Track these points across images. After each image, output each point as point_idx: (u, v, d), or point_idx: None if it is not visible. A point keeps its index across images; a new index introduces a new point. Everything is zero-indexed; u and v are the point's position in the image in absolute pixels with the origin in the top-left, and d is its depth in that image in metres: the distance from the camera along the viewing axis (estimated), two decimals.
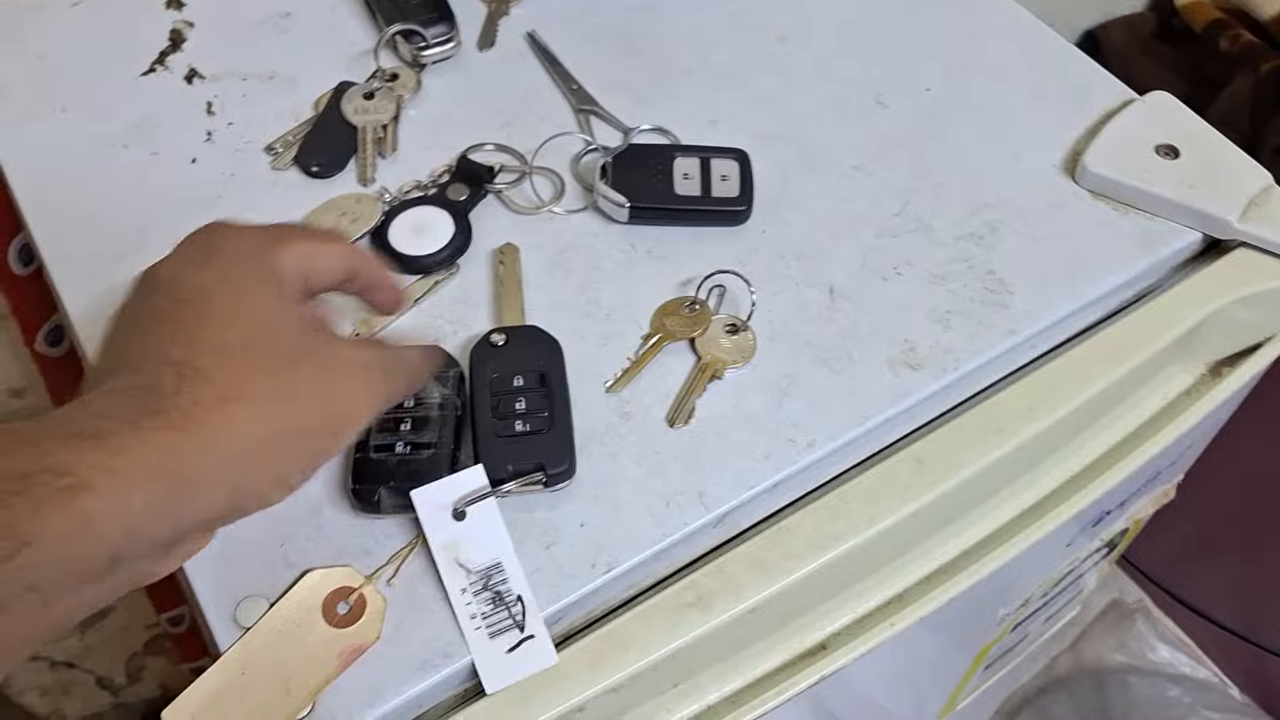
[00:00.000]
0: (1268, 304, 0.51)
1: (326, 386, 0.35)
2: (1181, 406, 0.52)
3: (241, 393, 0.32)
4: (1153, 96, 0.56)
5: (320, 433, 0.35)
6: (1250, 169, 0.53)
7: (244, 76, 0.57)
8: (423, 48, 0.57)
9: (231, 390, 0.32)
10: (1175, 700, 1.36)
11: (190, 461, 0.30)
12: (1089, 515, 0.54)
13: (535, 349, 0.46)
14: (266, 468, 0.33)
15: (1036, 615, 0.69)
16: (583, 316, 0.49)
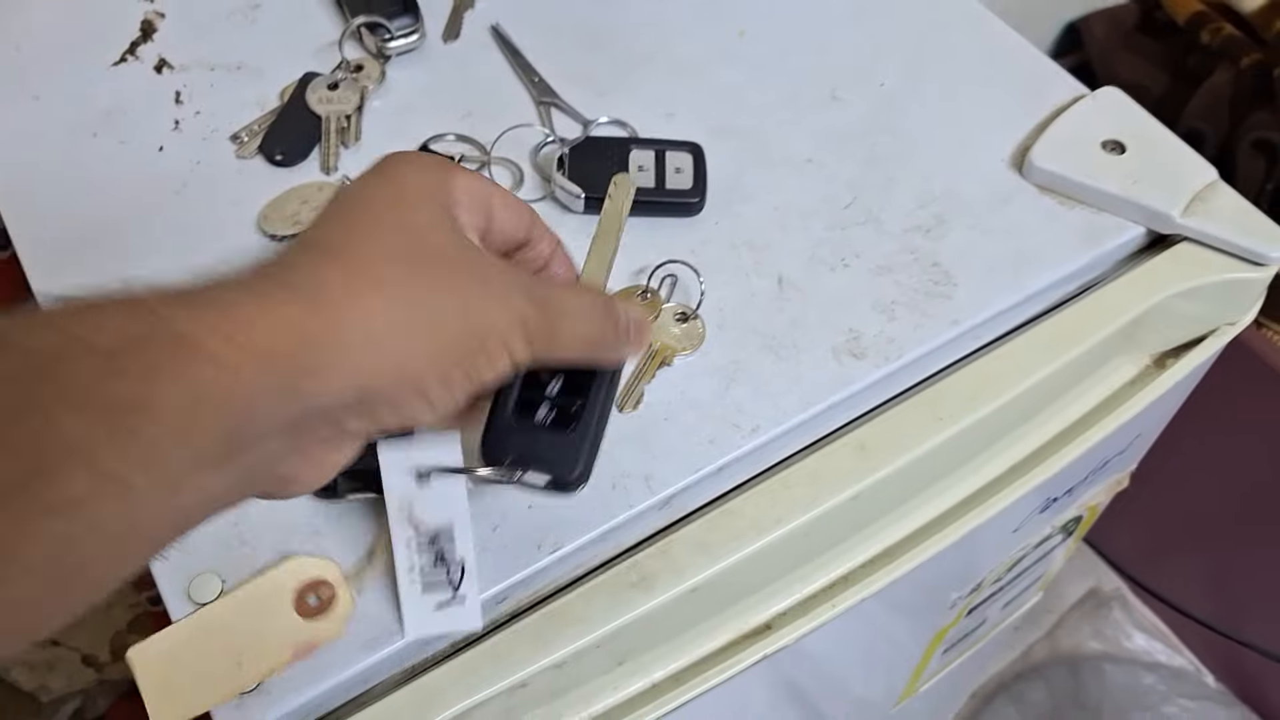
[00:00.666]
0: (1209, 298, 0.52)
1: (472, 296, 0.32)
2: (1124, 397, 0.54)
3: (378, 277, 0.30)
4: (1102, 92, 0.57)
5: (458, 343, 0.32)
6: (1195, 165, 0.54)
7: (212, 67, 0.59)
8: (388, 39, 0.58)
9: (367, 271, 0.30)
10: (1150, 688, 1.38)
11: (314, 336, 0.28)
12: (1034, 502, 0.56)
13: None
14: (396, 363, 0.30)
15: (993, 600, 0.70)
16: None
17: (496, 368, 0.33)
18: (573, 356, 0.36)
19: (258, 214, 0.52)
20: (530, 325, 0.33)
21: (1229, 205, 0.52)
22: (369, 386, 0.30)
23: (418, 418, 0.32)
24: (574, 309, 0.35)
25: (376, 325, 0.30)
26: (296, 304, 0.28)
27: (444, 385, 0.31)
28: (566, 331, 0.35)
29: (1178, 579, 1.38)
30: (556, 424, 0.39)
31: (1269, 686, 1.34)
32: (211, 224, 0.52)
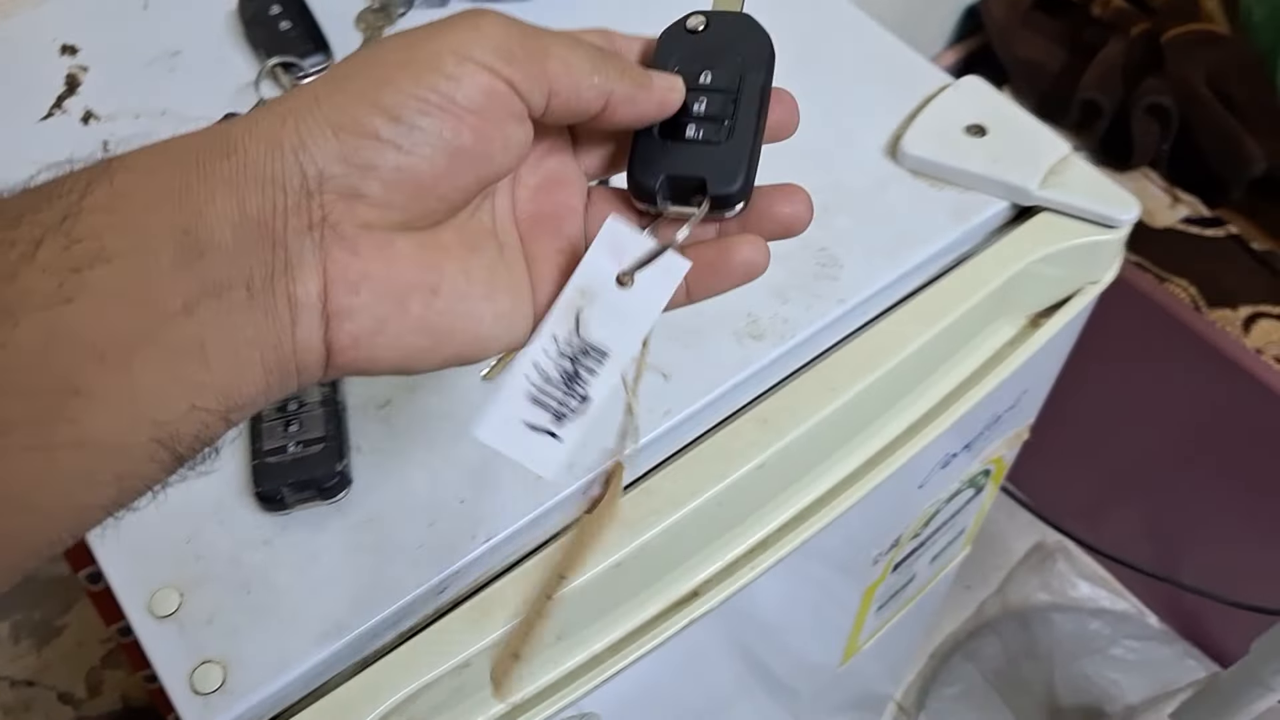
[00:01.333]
0: (1070, 260, 0.58)
1: (420, 33, 0.31)
2: (1003, 356, 0.59)
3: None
4: (964, 81, 0.62)
5: (399, 70, 0.29)
6: (1050, 141, 0.59)
7: (137, 115, 0.62)
8: (301, 77, 0.62)
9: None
10: (1097, 633, 1.44)
11: (234, 124, 0.29)
12: (933, 458, 0.61)
13: (739, 43, 0.38)
14: (324, 109, 0.29)
15: (918, 556, 0.75)
16: None
17: (462, 82, 0.29)
18: (573, 86, 0.32)
19: None
20: (501, 38, 0.30)
21: (1082, 176, 0.57)
22: (295, 146, 0.28)
23: (377, 158, 0.29)
24: (564, 35, 0.33)
25: (286, 99, 0.29)
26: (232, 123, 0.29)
27: (393, 120, 0.29)
28: (557, 53, 0.31)
29: (1115, 531, 1.45)
30: (707, 138, 0.36)
31: (1208, 622, 1.41)
32: None
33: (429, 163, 0.29)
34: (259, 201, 0.28)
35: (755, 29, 0.38)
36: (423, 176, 0.29)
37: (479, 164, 0.31)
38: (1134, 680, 1.38)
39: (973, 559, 1.51)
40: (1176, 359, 1.16)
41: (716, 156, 0.36)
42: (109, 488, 0.27)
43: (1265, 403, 1.07)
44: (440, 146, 0.29)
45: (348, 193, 0.29)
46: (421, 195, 0.30)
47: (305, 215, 0.28)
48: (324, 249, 0.29)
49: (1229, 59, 1.20)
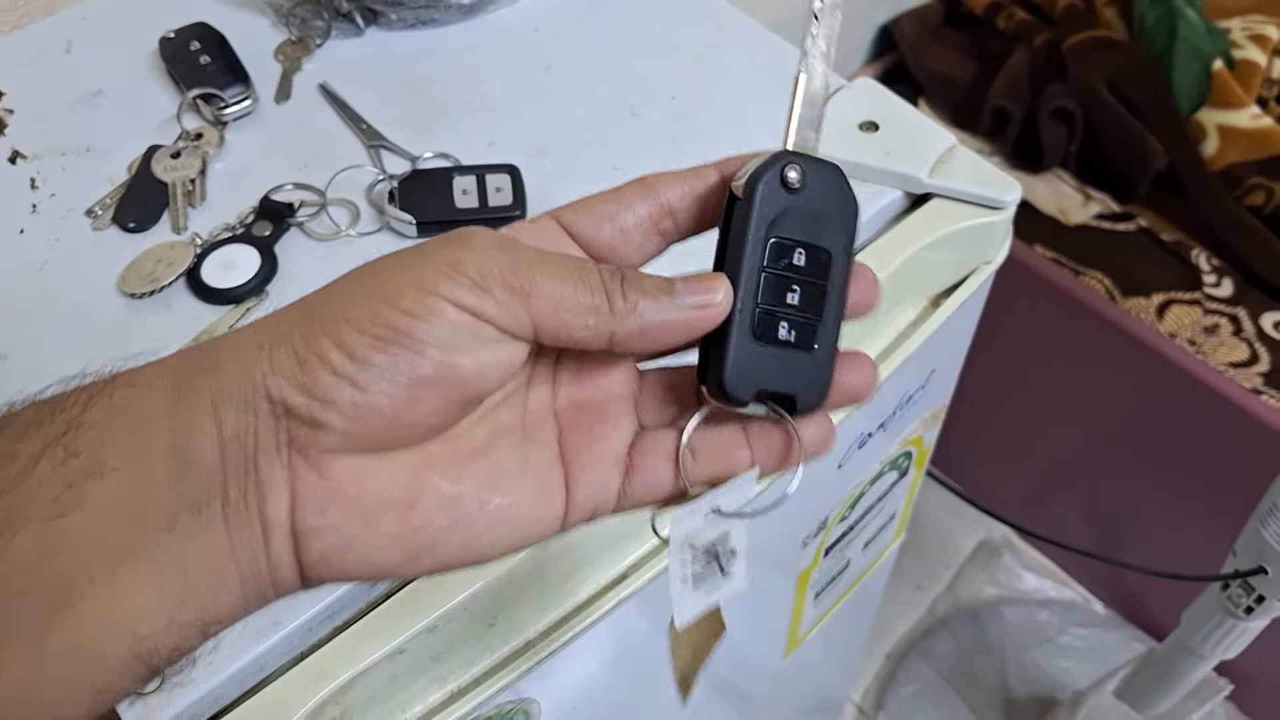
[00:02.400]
0: (962, 242, 0.61)
1: (390, 260, 0.30)
2: (907, 336, 0.62)
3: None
4: (857, 82, 0.65)
5: (359, 302, 0.29)
6: (937, 133, 0.62)
7: (63, 152, 0.64)
8: (223, 107, 0.64)
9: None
10: (1046, 623, 1.48)
11: (197, 349, 0.31)
12: (846, 438, 0.63)
13: (830, 209, 0.33)
14: (276, 334, 0.29)
15: (849, 541, 0.78)
16: None
17: (420, 318, 0.28)
18: (562, 327, 0.30)
19: (117, 278, 0.57)
20: (478, 271, 0.29)
21: (967, 164, 0.61)
22: (265, 372, 0.29)
23: (334, 393, 0.28)
24: (561, 265, 0.31)
25: (269, 325, 0.30)
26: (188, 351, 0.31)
27: (349, 356, 0.28)
28: (545, 291, 0.30)
29: (1056, 518, 1.49)
30: (799, 344, 0.33)
31: (1151, 604, 1.45)
32: (75, 293, 0.57)
33: (387, 398, 0.29)
34: (234, 421, 0.28)
35: (845, 189, 0.33)
36: (382, 410, 0.29)
37: (450, 390, 0.30)
38: (1083, 666, 1.41)
39: (921, 558, 1.55)
40: (1097, 348, 1.21)
41: (806, 366, 0.33)
42: (85, 699, 0.28)
43: (1181, 384, 1.12)
44: (398, 381, 0.29)
45: (310, 422, 0.29)
46: (387, 426, 0.29)
47: (274, 437, 0.29)
48: (292, 469, 0.29)
49: (1126, 63, 1.26)
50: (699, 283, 0.32)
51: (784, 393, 0.33)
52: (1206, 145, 1.20)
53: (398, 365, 0.29)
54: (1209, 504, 1.22)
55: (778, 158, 0.33)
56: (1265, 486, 0.83)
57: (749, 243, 0.32)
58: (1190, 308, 1.15)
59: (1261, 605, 0.86)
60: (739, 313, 0.32)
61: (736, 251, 0.32)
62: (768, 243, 0.32)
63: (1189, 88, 1.21)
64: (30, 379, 0.53)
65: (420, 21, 0.71)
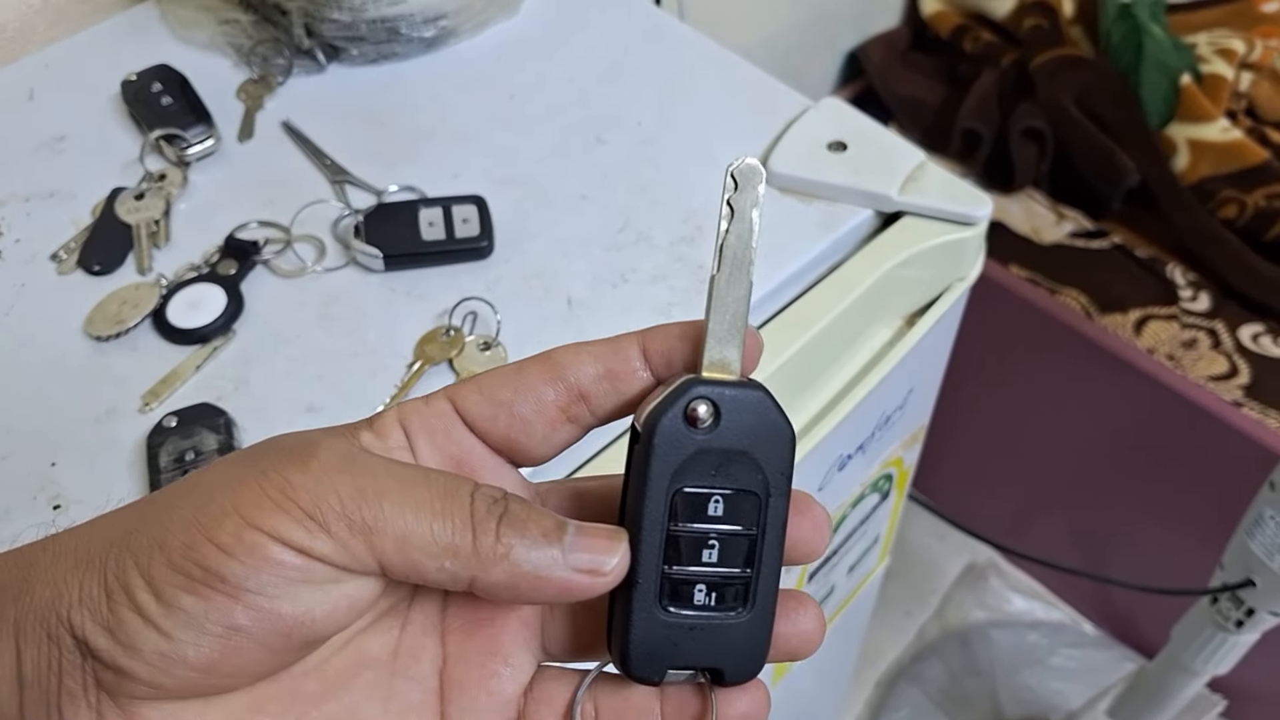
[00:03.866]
0: (934, 259, 0.61)
1: (204, 485, 0.26)
2: (883, 356, 0.61)
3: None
4: (824, 102, 0.65)
5: (163, 536, 0.25)
6: (906, 151, 0.62)
7: (27, 197, 0.63)
8: (185, 148, 0.63)
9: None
10: (1035, 644, 1.47)
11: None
12: (827, 460, 0.63)
13: (756, 443, 0.27)
14: (72, 568, 0.25)
15: (833, 565, 0.77)
16: (351, 356, 0.56)
17: (235, 556, 0.24)
18: (413, 567, 0.25)
19: (83, 321, 0.56)
20: (312, 500, 0.25)
21: (937, 180, 0.61)
22: (72, 602, 0.24)
23: (137, 638, 0.24)
24: (410, 477, 0.26)
25: (95, 535, 0.25)
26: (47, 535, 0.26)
27: (156, 597, 0.24)
28: (394, 528, 0.25)
29: (1041, 538, 1.48)
30: (723, 610, 0.27)
31: (1140, 622, 1.44)
32: (41, 336, 0.56)
33: (194, 649, 0.24)
34: (35, 656, 0.24)
35: (772, 415, 0.27)
36: (190, 662, 0.24)
37: (273, 640, 0.25)
38: (1075, 687, 1.40)
39: (908, 584, 1.54)
40: (1076, 366, 1.21)
41: (734, 632, 0.27)
42: None
43: (1162, 399, 1.12)
44: (209, 631, 0.24)
45: (114, 668, 0.24)
46: (200, 678, 0.25)
47: (80, 676, 0.24)
48: (100, 714, 0.25)
49: (1094, 80, 1.27)
50: (593, 539, 0.26)
51: (706, 667, 0.28)
52: (1178, 160, 1.20)
53: (207, 613, 0.24)
54: (1193, 518, 1.21)
55: (683, 389, 0.27)
56: (1249, 498, 0.83)
57: (648, 497, 0.26)
58: (1168, 323, 1.15)
59: (1251, 618, 0.85)
60: (640, 579, 0.27)
61: (635, 505, 0.27)
62: (672, 496, 0.27)
63: (1157, 103, 1.22)
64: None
65: (382, 56, 0.71)
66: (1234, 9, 1.38)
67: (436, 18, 0.70)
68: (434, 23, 0.70)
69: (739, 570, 0.27)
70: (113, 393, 0.53)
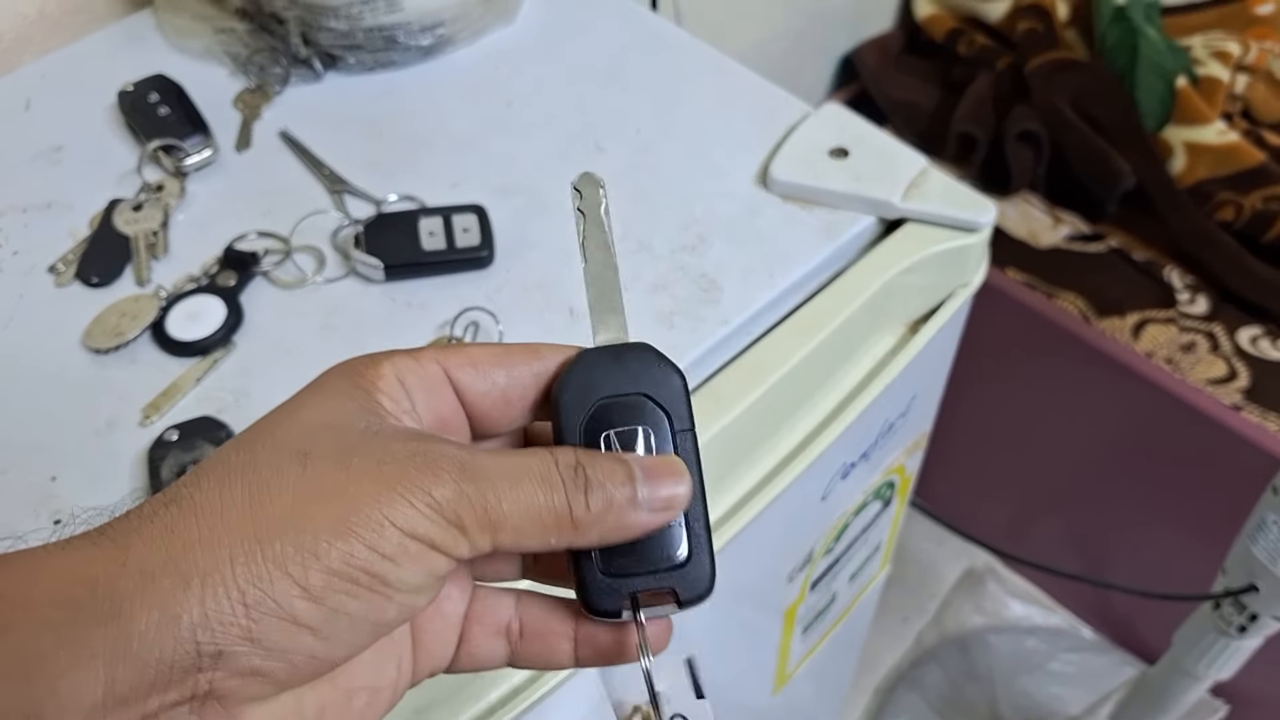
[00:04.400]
0: (938, 266, 0.61)
1: (346, 489, 0.27)
2: (886, 363, 0.61)
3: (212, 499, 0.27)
4: (825, 108, 0.65)
5: (324, 548, 0.25)
6: (908, 157, 0.62)
7: (24, 209, 0.63)
8: (183, 158, 0.63)
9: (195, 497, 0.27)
10: (1033, 649, 1.47)
11: (107, 574, 0.25)
12: (831, 469, 0.63)
13: (657, 389, 0.32)
14: (228, 585, 0.25)
15: (835, 573, 0.77)
16: None
17: (401, 564, 0.26)
18: (535, 541, 0.28)
19: (81, 333, 0.56)
20: (452, 507, 0.27)
21: (940, 186, 0.61)
22: (195, 622, 0.24)
23: (289, 642, 0.25)
24: (512, 471, 0.28)
25: (194, 549, 0.25)
26: (94, 545, 0.25)
27: (316, 603, 0.25)
28: (512, 523, 0.27)
29: (1040, 543, 1.48)
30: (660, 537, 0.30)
31: (1138, 627, 1.44)
32: (39, 349, 0.56)
33: (348, 647, 0.26)
34: (134, 680, 0.23)
35: (659, 363, 0.32)
36: (337, 660, 0.26)
37: (387, 629, 0.28)
38: (1075, 692, 1.40)
39: (906, 590, 1.53)
40: (1074, 370, 1.21)
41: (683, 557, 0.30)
42: None
43: (1160, 403, 1.12)
44: (365, 630, 0.26)
45: (246, 671, 0.24)
46: (323, 668, 0.26)
47: (187, 688, 0.24)
48: (201, 717, 0.24)
49: (1090, 82, 1.27)
50: (660, 475, 0.29)
51: (663, 587, 0.30)
52: (1174, 162, 1.20)
53: (368, 614, 0.26)
54: (1193, 522, 1.21)
55: (578, 357, 0.32)
56: (1249, 502, 0.83)
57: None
58: (1166, 326, 1.15)
59: (1254, 623, 0.85)
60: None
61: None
62: (605, 438, 0.31)
63: (1153, 106, 1.22)
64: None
65: (379, 64, 0.70)
66: (1228, 11, 1.38)
67: (434, 26, 0.70)
68: (431, 31, 0.70)
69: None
70: (113, 406, 0.53)
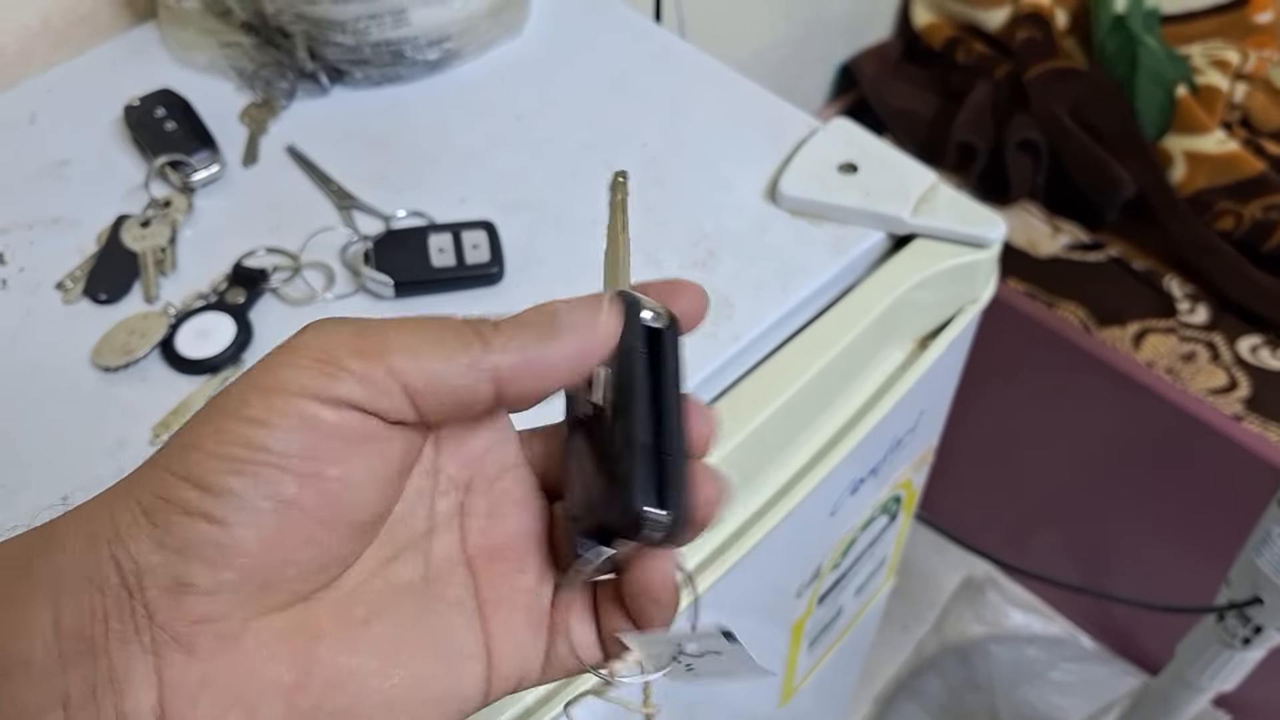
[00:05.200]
0: (948, 281, 0.61)
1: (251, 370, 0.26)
2: (896, 379, 0.61)
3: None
4: (834, 123, 0.65)
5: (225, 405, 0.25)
6: (917, 172, 0.62)
7: (30, 225, 0.62)
8: (190, 173, 0.63)
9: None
10: (1034, 659, 1.47)
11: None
12: (840, 484, 0.62)
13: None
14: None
15: (842, 587, 0.77)
16: None
17: (270, 423, 0.25)
18: (434, 375, 0.26)
19: (90, 351, 0.55)
20: (320, 348, 0.26)
21: (950, 202, 0.61)
22: (109, 537, 0.25)
23: (190, 535, 0.24)
24: (413, 319, 0.27)
25: (120, 483, 0.26)
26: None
27: (201, 489, 0.24)
28: (399, 343, 0.26)
29: (1040, 553, 1.48)
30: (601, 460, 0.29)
31: (1139, 636, 1.44)
32: (48, 366, 0.55)
33: (252, 529, 0.24)
34: (75, 608, 0.24)
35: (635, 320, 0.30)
36: (250, 546, 0.24)
37: (322, 513, 0.25)
38: (1075, 702, 1.40)
39: (906, 599, 1.53)
40: (1074, 380, 1.21)
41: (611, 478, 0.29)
42: None
43: (1161, 413, 1.12)
44: (263, 508, 0.24)
45: (171, 585, 0.24)
46: (260, 570, 0.25)
47: (130, 617, 0.24)
48: (157, 653, 0.24)
49: (1089, 91, 1.27)
50: (579, 301, 0.29)
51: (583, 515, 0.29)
52: (1174, 171, 1.21)
53: (257, 488, 0.24)
54: (1194, 533, 1.21)
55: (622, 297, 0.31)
56: (1250, 513, 0.83)
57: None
58: (1166, 336, 1.15)
59: (1259, 635, 0.85)
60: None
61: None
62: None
63: (1153, 114, 1.22)
64: (3, 457, 0.51)
65: (386, 79, 0.70)
66: (1227, 19, 1.39)
67: (440, 40, 0.70)
68: (438, 45, 0.70)
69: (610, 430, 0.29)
70: (123, 424, 0.53)
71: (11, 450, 0.52)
